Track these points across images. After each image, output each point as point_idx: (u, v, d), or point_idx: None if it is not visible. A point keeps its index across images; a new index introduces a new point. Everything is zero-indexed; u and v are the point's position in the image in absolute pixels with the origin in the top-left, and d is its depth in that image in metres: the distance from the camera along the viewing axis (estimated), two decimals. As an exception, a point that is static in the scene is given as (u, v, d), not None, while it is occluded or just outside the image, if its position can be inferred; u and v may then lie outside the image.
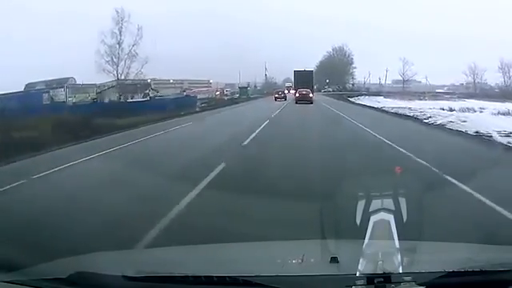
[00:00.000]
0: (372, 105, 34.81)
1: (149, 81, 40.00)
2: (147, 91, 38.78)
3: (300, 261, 2.19)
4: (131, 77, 31.79)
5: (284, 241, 3.21)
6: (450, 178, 7.27)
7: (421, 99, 42.24)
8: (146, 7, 50.03)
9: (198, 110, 31.27)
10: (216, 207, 5.78)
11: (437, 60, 57.94)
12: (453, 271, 1.88)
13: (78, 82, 31.64)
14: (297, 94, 37.86)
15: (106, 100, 30.76)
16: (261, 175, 7.92)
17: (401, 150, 10.73)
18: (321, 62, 57.75)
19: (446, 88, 51.41)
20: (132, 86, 36.79)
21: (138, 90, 37.92)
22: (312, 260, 2.29)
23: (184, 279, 1.88)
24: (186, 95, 39.51)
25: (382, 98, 44.57)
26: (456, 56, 55.47)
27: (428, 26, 61.11)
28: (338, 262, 2.01)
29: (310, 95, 36.92)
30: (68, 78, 30.67)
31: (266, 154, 10.81)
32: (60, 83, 29.67)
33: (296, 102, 35.93)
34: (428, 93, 48.67)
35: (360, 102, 39.33)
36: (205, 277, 1.88)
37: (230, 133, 15.26)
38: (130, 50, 31.22)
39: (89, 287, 1.89)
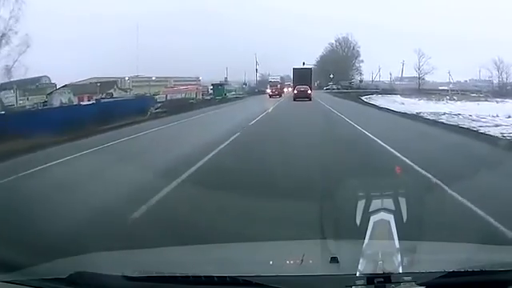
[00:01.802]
0: (399, 109, 28.73)
1: (127, 78, 39.41)
2: (111, 91, 38.11)
3: (300, 261, 2.49)
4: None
5: (284, 241, 3.57)
6: None
7: (449, 99, 42.50)
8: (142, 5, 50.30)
9: (146, 117, 26.09)
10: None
11: (438, 58, 59.44)
12: (453, 271, 2.18)
13: (54, 81, 30.27)
14: (295, 91, 41.82)
15: (57, 103, 28.93)
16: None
17: None
18: (321, 57, 58.15)
19: (450, 85, 52.14)
20: (90, 86, 35.88)
21: (99, 90, 36.99)
22: (312, 260, 2.60)
23: (184, 279, 2.18)
24: (141, 96, 38.12)
25: (399, 97, 44.42)
26: (456, 53, 57.91)
27: (428, 24, 64.11)
28: (338, 261, 2.32)
29: (309, 92, 40.87)
30: (41, 77, 29.27)
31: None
32: (33, 83, 28.82)
33: (294, 99, 39.37)
34: (451, 91, 49.30)
35: (379, 105, 34.00)
36: (205, 277, 2.18)
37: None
38: (6, 29, 24.36)
39: (89, 287, 2.19)
